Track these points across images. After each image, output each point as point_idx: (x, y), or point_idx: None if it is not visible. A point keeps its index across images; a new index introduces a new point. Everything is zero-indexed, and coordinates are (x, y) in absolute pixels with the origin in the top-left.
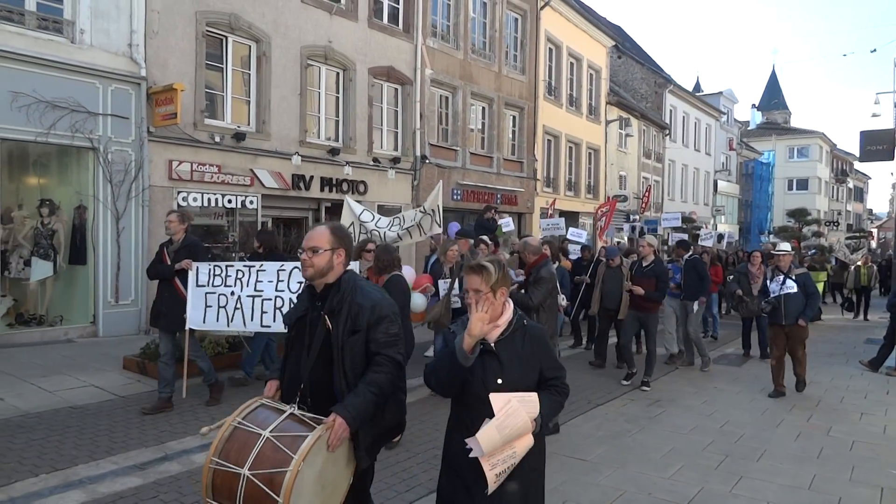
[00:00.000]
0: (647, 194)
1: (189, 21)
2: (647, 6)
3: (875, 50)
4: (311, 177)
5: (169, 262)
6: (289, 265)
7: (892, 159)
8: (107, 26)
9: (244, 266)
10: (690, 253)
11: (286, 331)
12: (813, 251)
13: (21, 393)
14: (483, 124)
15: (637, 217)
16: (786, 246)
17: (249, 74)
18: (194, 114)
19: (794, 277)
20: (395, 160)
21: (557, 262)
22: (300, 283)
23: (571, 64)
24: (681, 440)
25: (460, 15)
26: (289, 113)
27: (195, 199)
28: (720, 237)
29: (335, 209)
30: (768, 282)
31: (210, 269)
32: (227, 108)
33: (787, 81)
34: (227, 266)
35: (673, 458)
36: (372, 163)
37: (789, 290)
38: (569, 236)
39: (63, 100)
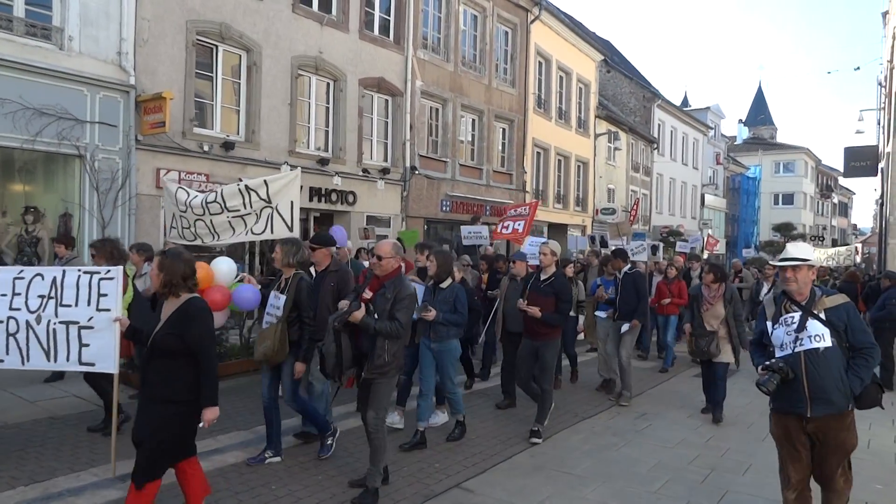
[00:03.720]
0: (634, 207)
1: (179, 30)
2: (635, 22)
3: (859, 68)
4: (301, 187)
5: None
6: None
7: (876, 175)
8: (96, 34)
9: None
10: (630, 266)
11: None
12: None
13: (0, 403)
14: (473, 136)
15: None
16: (802, 249)
17: (239, 84)
18: (183, 122)
19: (824, 315)
20: (385, 171)
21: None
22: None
23: (561, 77)
24: (667, 454)
25: (451, 27)
26: (279, 123)
27: None
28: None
29: (324, 219)
30: (769, 324)
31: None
32: (216, 117)
33: (773, 97)
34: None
35: (659, 472)
36: (361, 173)
37: (817, 344)
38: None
39: (50, 107)
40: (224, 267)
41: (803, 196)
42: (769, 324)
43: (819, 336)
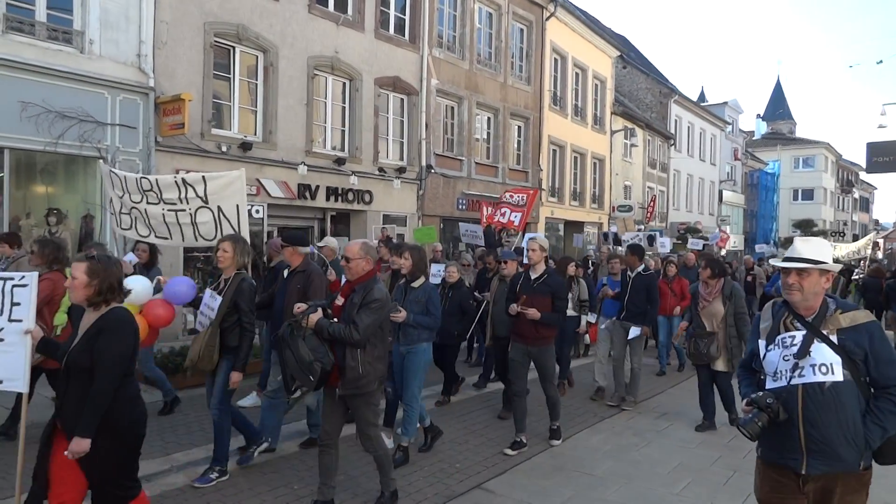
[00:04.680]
0: (651, 204)
1: (197, 32)
2: (651, 17)
3: (881, 61)
4: (317, 186)
5: None
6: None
7: None
8: (116, 37)
9: None
10: (644, 266)
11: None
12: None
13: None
14: (488, 134)
15: (642, 227)
16: (815, 247)
17: (256, 84)
18: (201, 123)
19: (836, 338)
20: (401, 170)
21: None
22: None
23: (577, 74)
24: (688, 455)
25: (466, 26)
26: (295, 123)
27: None
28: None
29: (341, 218)
30: (761, 343)
31: None
32: (233, 117)
33: (792, 92)
34: None
35: (681, 474)
36: (377, 172)
37: (822, 377)
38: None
39: (72, 110)
40: (138, 286)
41: (823, 191)
42: (762, 343)
43: (826, 367)
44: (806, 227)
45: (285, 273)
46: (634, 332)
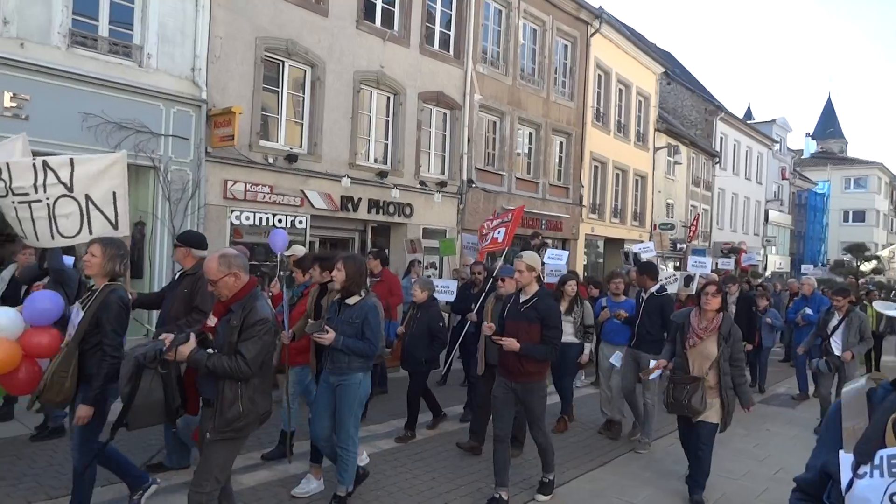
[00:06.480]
0: (694, 223)
1: (249, 47)
2: (698, 33)
3: None
4: (360, 199)
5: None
6: None
7: None
8: (172, 51)
9: None
10: (659, 287)
11: None
12: (871, 288)
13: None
14: (530, 149)
15: (685, 246)
16: None
17: (303, 98)
18: (250, 135)
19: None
20: (442, 184)
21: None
22: None
23: (620, 90)
24: (732, 486)
25: (510, 41)
26: (340, 136)
27: (247, 218)
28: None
29: (381, 230)
30: (846, 459)
31: None
32: (281, 130)
33: (843, 110)
34: None
35: None
36: (419, 186)
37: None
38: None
39: (129, 121)
40: (3, 321)
41: (876, 213)
42: (846, 459)
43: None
44: (858, 252)
45: (176, 275)
46: (651, 363)
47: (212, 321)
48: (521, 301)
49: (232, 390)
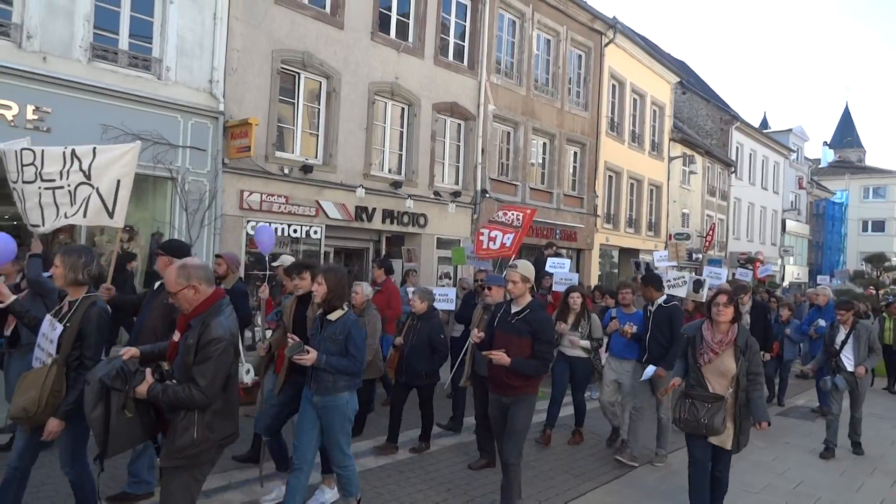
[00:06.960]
0: (710, 233)
1: (265, 59)
2: (713, 42)
3: None
4: (374, 209)
5: None
6: None
7: None
8: (190, 64)
9: None
10: (666, 298)
11: None
12: (891, 299)
13: None
14: (544, 159)
15: (700, 256)
16: None
17: (318, 109)
18: (266, 146)
19: None
20: (456, 194)
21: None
22: None
23: (635, 100)
24: (751, 500)
25: (524, 52)
26: (355, 146)
27: None
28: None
29: (395, 241)
30: None
31: None
32: (296, 141)
33: (861, 118)
34: None
35: None
36: (433, 196)
37: None
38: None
39: (147, 132)
40: None
41: None
42: None
43: None
44: (878, 262)
45: (156, 285)
46: (650, 370)
47: (176, 336)
48: (512, 312)
49: (187, 415)
